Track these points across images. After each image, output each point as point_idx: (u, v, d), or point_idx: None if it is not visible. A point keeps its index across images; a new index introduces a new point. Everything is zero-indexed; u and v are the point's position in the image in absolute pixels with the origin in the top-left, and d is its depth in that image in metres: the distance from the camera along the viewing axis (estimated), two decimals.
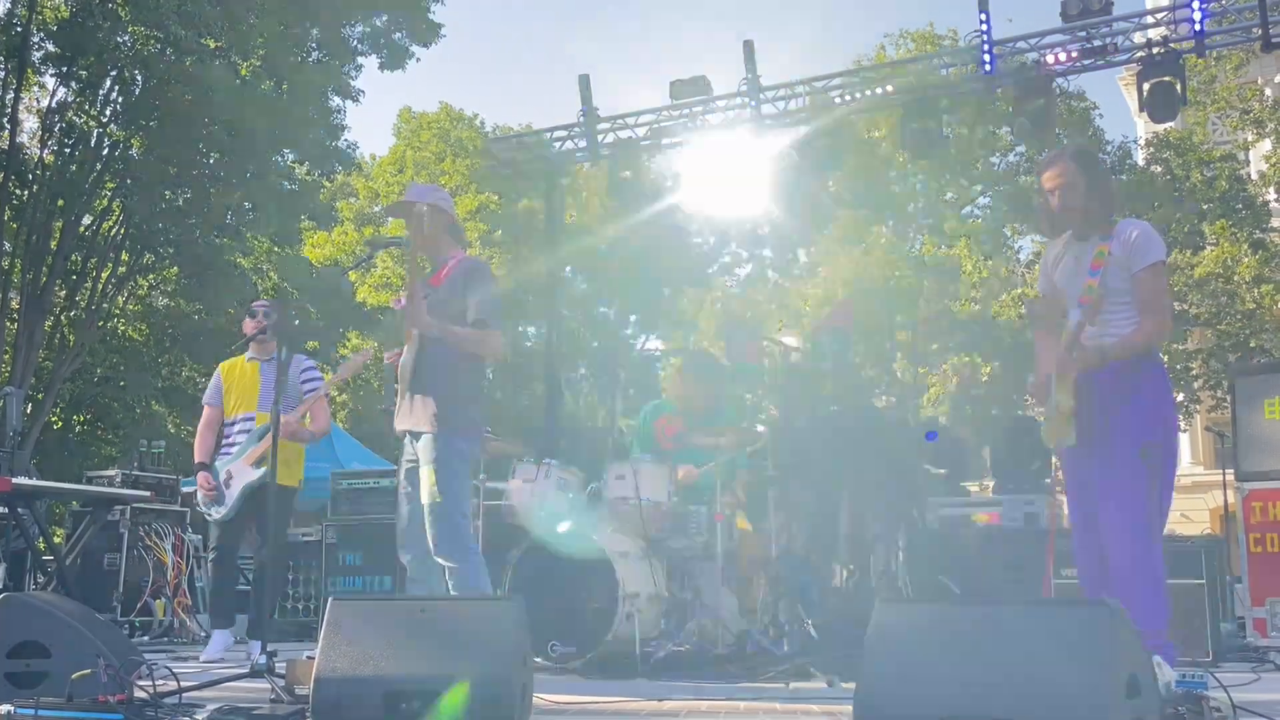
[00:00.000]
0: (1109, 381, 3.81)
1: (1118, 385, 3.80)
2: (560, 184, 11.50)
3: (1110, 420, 3.81)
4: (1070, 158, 3.98)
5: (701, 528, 5.73)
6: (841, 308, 11.18)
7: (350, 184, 29.83)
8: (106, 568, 8.26)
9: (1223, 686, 3.16)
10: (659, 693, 4.17)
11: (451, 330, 4.22)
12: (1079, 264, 3.94)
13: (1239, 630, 6.76)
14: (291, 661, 3.81)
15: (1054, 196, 3.95)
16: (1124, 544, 3.73)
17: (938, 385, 21.55)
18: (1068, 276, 3.98)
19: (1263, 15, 8.30)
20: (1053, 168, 3.98)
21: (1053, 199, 3.96)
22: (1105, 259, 3.83)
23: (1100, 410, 3.82)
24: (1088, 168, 3.96)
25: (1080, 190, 3.90)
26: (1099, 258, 3.85)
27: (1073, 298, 3.92)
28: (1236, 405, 5.89)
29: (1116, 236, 3.88)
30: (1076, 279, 3.92)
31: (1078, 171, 3.92)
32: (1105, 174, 4.00)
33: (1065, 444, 3.92)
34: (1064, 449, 4.01)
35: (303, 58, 16.99)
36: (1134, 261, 3.83)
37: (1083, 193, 3.90)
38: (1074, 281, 3.93)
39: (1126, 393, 3.81)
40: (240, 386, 5.92)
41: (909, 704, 2.56)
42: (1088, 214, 3.91)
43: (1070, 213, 3.93)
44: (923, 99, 9.27)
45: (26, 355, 15.29)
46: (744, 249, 29.83)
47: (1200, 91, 22.50)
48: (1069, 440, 3.88)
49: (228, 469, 5.80)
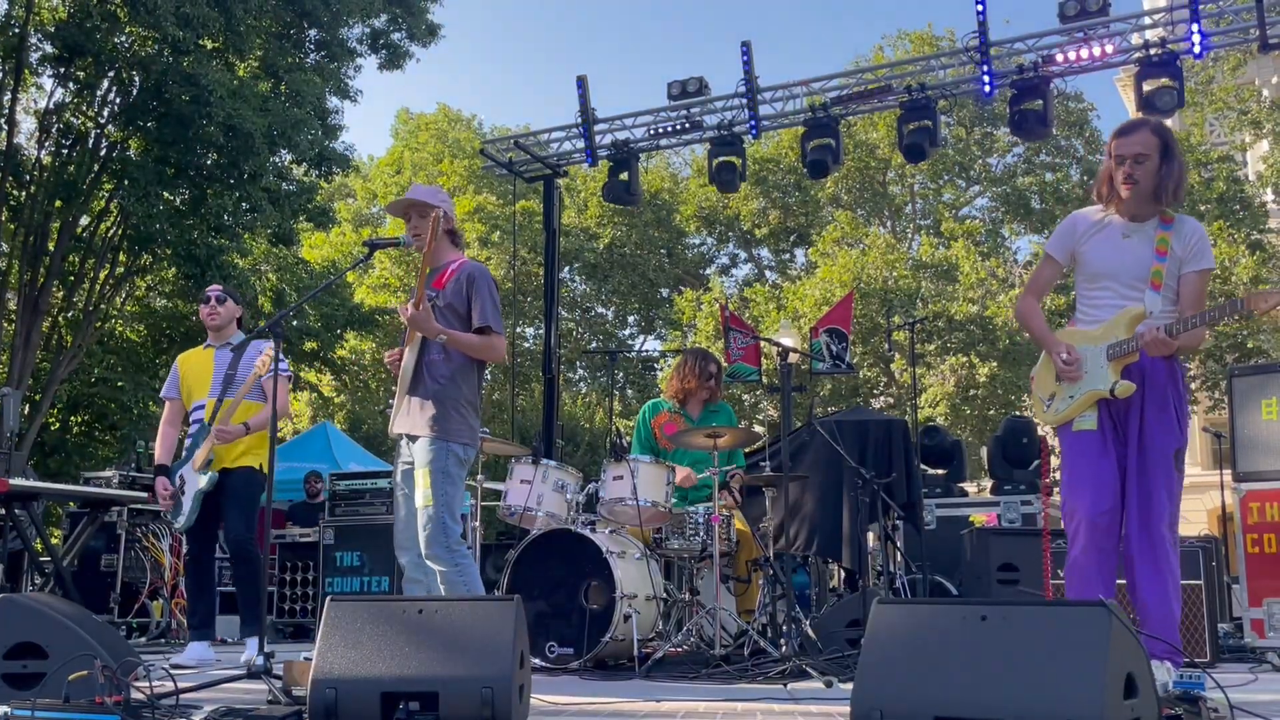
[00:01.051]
0: (1161, 379, 3.72)
1: (1163, 385, 3.72)
2: (558, 185, 11.50)
3: (1149, 420, 3.71)
4: (1153, 130, 3.78)
5: (699, 528, 5.73)
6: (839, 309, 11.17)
7: (348, 185, 29.86)
8: (104, 569, 8.26)
9: (1220, 687, 3.16)
10: (656, 693, 4.17)
11: (458, 336, 4.25)
12: (1134, 243, 3.79)
13: (1236, 631, 6.77)
14: (289, 662, 3.80)
15: (1125, 165, 3.73)
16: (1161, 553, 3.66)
17: (935, 386, 21.55)
18: (1108, 251, 3.83)
19: (1260, 17, 8.31)
20: (1134, 134, 3.77)
21: (1124, 167, 3.73)
22: (1168, 248, 3.73)
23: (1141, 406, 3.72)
24: (1167, 146, 3.76)
25: (1155, 166, 3.72)
26: (1163, 244, 3.73)
27: (1117, 274, 3.78)
28: (1234, 406, 5.88)
29: (1177, 230, 3.76)
30: (1127, 258, 3.78)
31: (1157, 146, 3.74)
32: (1181, 160, 3.80)
33: (1084, 427, 3.78)
34: (1070, 432, 3.84)
35: (301, 58, 16.98)
36: (1189, 262, 3.74)
37: (1156, 170, 3.72)
38: (1121, 259, 3.79)
39: (1168, 394, 3.73)
40: (195, 374, 5.75)
41: (906, 704, 2.56)
42: (1155, 193, 3.74)
43: (1136, 187, 3.73)
44: (920, 100, 9.28)
45: (24, 356, 15.28)
46: (741, 250, 29.86)
47: (1198, 93, 22.57)
48: (1090, 424, 3.77)
49: (180, 474, 5.60)
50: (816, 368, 10.61)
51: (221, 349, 5.75)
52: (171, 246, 14.92)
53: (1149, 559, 3.67)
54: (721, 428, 5.69)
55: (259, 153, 14.21)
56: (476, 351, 4.33)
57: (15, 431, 6.81)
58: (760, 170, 25.09)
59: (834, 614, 5.72)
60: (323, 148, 16.16)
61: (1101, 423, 3.77)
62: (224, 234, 15.81)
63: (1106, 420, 3.78)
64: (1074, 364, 3.78)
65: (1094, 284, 3.87)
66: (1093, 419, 3.77)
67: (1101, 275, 3.84)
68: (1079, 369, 3.78)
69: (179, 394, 5.81)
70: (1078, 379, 3.80)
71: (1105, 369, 3.74)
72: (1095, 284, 3.87)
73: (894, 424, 7.38)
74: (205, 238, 15.33)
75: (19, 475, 6.40)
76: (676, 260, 29.08)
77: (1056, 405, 3.87)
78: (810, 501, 6.90)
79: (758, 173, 24.90)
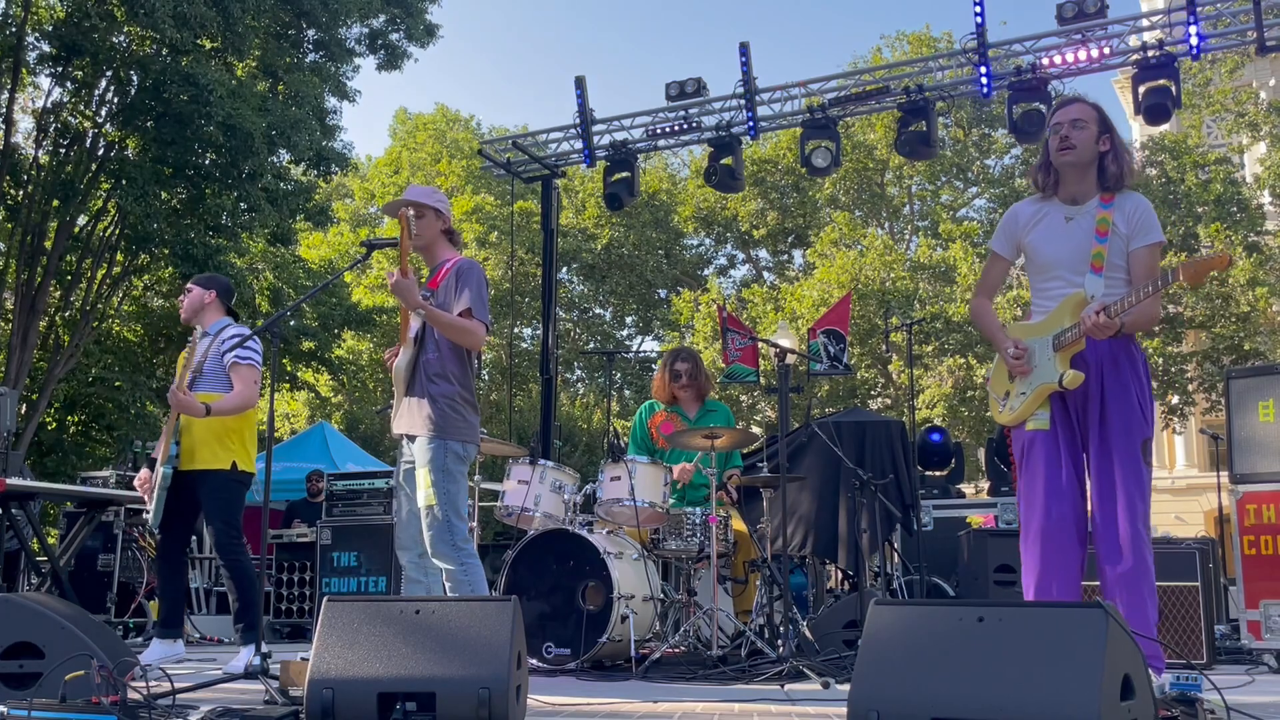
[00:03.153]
0: (1119, 365, 3.56)
1: (1122, 371, 3.56)
2: (556, 185, 11.51)
3: (1110, 411, 3.55)
4: (1091, 104, 3.70)
5: (696, 529, 5.73)
6: (837, 310, 11.17)
7: (346, 185, 29.85)
8: (100, 569, 8.26)
9: (1217, 689, 3.16)
10: (653, 694, 4.17)
11: (437, 313, 4.23)
12: (1074, 226, 3.67)
13: (1233, 632, 6.77)
14: (285, 662, 3.80)
15: (1062, 129, 3.62)
16: (1131, 549, 3.46)
17: (933, 387, 21.55)
18: (1052, 237, 3.70)
19: (1258, 19, 8.32)
20: (1071, 105, 3.68)
21: (1060, 132, 3.63)
22: (1110, 227, 3.59)
23: (1101, 397, 3.56)
24: (1105, 121, 3.66)
25: (1092, 137, 3.61)
26: (1103, 225, 3.60)
27: (1063, 262, 3.66)
28: (1231, 407, 5.89)
29: (1119, 207, 3.63)
30: (1071, 243, 3.65)
31: (1095, 117, 3.64)
32: (1122, 141, 3.69)
33: (1038, 427, 3.62)
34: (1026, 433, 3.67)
35: (299, 58, 16.98)
36: (1136, 238, 3.60)
37: (1094, 139, 3.62)
38: (1065, 245, 3.67)
39: (1129, 381, 3.56)
40: (180, 367, 5.51)
41: (903, 705, 2.56)
42: (1094, 165, 3.64)
43: (1073, 156, 3.62)
44: (918, 101, 9.29)
45: (21, 356, 15.26)
46: (739, 250, 29.87)
47: (1196, 95, 22.58)
48: (1042, 423, 3.62)
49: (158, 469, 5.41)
50: (814, 369, 10.61)
51: (202, 339, 5.67)
52: (169, 246, 14.90)
53: (1118, 560, 3.49)
54: (719, 428, 5.69)
55: (258, 152, 14.20)
56: (455, 332, 4.26)
57: (12, 431, 6.80)
58: (758, 171, 25.10)
59: (831, 615, 5.72)
60: (321, 147, 16.15)
61: (1056, 420, 3.62)
62: (222, 234, 15.80)
63: (1062, 415, 3.63)
64: (1022, 357, 3.66)
65: (1043, 275, 3.75)
66: (1045, 417, 3.62)
67: (1049, 264, 3.72)
68: (1028, 362, 3.66)
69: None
70: (1028, 373, 3.66)
71: (1053, 360, 3.60)
72: (1044, 275, 3.74)
73: (892, 425, 7.39)
74: (203, 237, 15.32)
75: (16, 475, 6.40)
76: (674, 261, 29.08)
77: (1011, 403, 3.73)
78: (807, 502, 6.90)
79: (756, 174, 24.92)
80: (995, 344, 3.83)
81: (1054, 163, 3.69)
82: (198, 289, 5.65)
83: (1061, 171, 3.70)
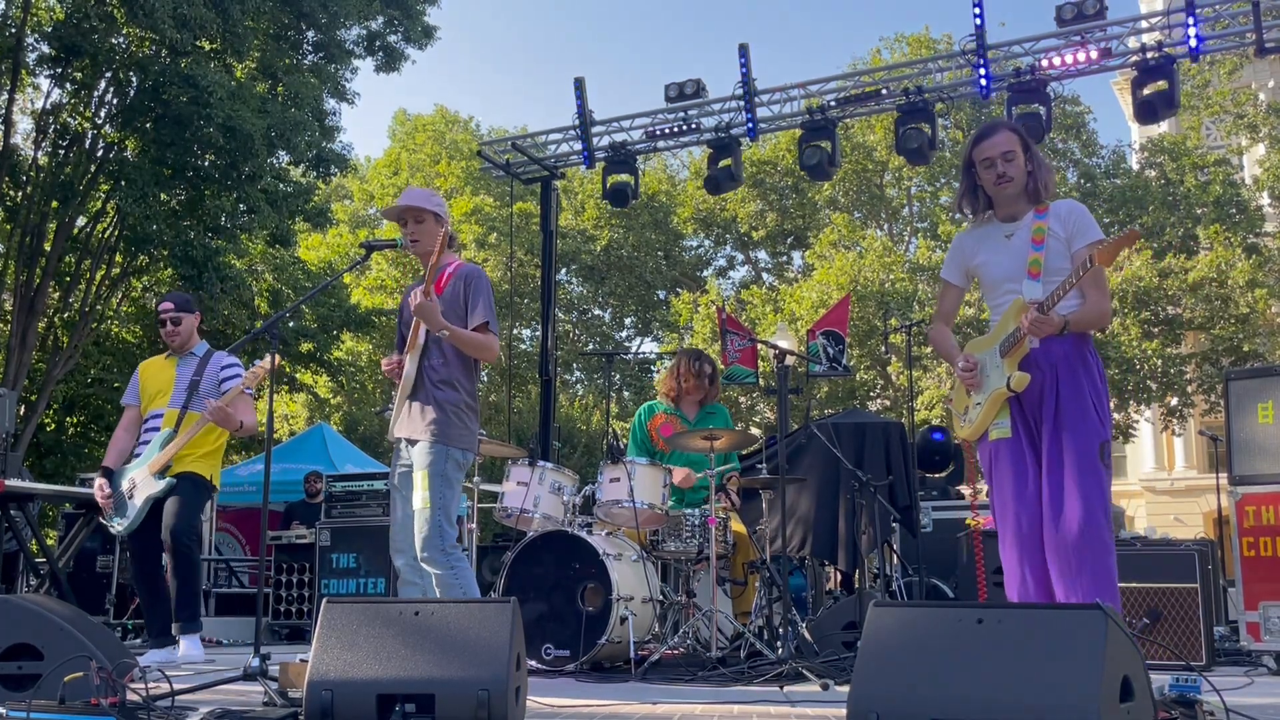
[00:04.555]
0: (1070, 368, 3.61)
1: (1074, 374, 3.60)
2: (555, 187, 11.51)
3: (1064, 414, 3.58)
4: (1010, 129, 3.81)
5: (696, 531, 5.73)
6: (836, 311, 11.18)
7: (345, 186, 29.84)
8: (99, 570, 8.26)
9: (1216, 690, 3.16)
10: (653, 696, 4.17)
11: (460, 333, 4.26)
12: (1014, 240, 3.77)
13: (1232, 634, 6.77)
14: (284, 664, 3.80)
15: (997, 165, 3.73)
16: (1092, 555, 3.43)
17: (932, 389, 21.56)
18: (997, 256, 3.81)
19: (1257, 20, 8.33)
20: (995, 135, 3.77)
21: (994, 169, 3.74)
22: (1046, 234, 3.70)
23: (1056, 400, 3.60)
24: (1026, 140, 3.80)
25: (1022, 164, 3.74)
26: (1039, 233, 3.71)
27: (1010, 275, 3.75)
28: (1230, 409, 5.89)
29: (1053, 214, 3.73)
30: (1012, 257, 3.76)
31: (1019, 142, 3.75)
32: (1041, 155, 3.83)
33: (1001, 435, 3.68)
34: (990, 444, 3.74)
35: (298, 60, 16.98)
36: (1075, 239, 3.68)
37: (1024, 167, 3.74)
38: (1008, 260, 3.77)
39: (1081, 384, 3.60)
40: (155, 383, 5.70)
41: (903, 707, 2.56)
42: (1026, 188, 3.75)
43: (1010, 184, 3.74)
44: (918, 102, 9.30)
45: (19, 357, 15.25)
46: (738, 252, 29.88)
47: (1194, 96, 22.60)
48: (1004, 431, 3.67)
49: (131, 477, 5.53)
50: (813, 370, 10.61)
51: (185, 359, 5.71)
52: (168, 247, 14.90)
53: (1069, 569, 3.46)
54: (718, 430, 5.69)
55: (257, 154, 14.20)
56: (475, 348, 4.34)
57: (11, 432, 6.80)
58: (758, 172, 25.10)
59: (830, 616, 5.72)
60: (320, 149, 16.15)
61: (1017, 428, 3.67)
62: (221, 235, 15.80)
63: (1021, 423, 3.68)
64: (972, 370, 3.77)
65: (993, 292, 3.86)
66: (1007, 425, 3.68)
67: (996, 281, 3.83)
68: (979, 375, 3.76)
69: (138, 401, 5.75)
70: (980, 384, 3.76)
71: (1001, 366, 3.69)
72: (994, 292, 3.85)
73: (891, 427, 7.39)
74: (202, 239, 15.32)
75: (15, 476, 6.40)
76: (673, 262, 29.10)
77: (969, 416, 3.81)
78: (807, 504, 6.90)
79: (755, 175, 24.92)
80: (950, 362, 3.95)
81: (991, 195, 3.83)
82: (186, 316, 5.74)
83: (995, 196, 3.83)
